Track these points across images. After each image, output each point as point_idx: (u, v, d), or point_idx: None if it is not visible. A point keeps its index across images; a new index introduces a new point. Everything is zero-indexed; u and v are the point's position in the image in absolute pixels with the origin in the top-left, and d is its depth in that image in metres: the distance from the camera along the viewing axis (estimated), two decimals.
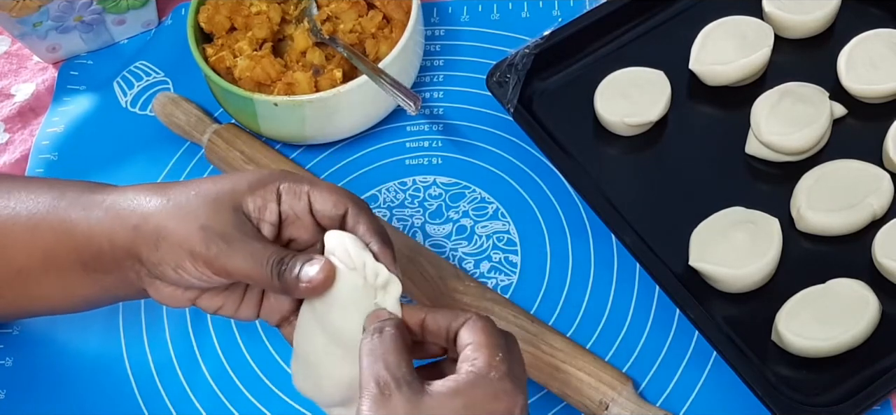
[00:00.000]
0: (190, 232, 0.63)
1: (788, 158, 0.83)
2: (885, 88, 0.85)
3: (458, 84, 0.95)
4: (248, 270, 0.63)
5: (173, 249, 0.63)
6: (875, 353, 0.73)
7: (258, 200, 0.65)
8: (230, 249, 0.63)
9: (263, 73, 0.87)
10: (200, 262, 0.63)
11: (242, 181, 0.66)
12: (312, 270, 0.62)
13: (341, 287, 0.62)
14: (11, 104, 0.98)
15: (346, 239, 0.63)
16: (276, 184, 0.66)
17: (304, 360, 0.65)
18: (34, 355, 0.81)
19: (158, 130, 0.94)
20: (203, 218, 0.63)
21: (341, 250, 0.63)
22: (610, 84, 0.88)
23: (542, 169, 0.87)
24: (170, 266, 0.64)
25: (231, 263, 0.63)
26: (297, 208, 0.66)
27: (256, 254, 0.63)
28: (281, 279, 0.63)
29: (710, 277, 0.77)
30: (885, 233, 0.77)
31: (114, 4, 0.97)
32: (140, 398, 0.78)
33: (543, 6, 0.99)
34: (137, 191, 0.67)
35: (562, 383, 0.74)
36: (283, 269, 0.63)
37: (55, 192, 0.70)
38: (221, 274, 0.64)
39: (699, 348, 0.76)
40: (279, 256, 0.63)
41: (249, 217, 0.65)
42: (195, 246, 0.63)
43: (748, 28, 0.89)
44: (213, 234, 0.63)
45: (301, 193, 0.66)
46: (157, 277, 0.66)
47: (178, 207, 0.64)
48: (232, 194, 0.65)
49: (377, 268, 0.62)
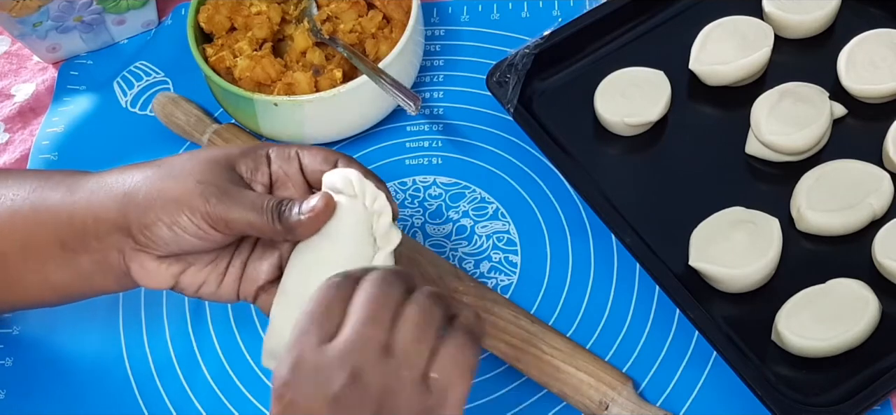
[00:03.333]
0: (187, 187, 0.65)
1: (788, 158, 0.83)
2: (885, 88, 0.85)
3: (458, 84, 0.95)
4: (247, 216, 0.64)
5: (169, 206, 0.65)
6: (875, 353, 0.73)
7: (249, 163, 0.68)
8: (228, 199, 0.65)
9: (263, 73, 0.87)
10: (198, 214, 0.64)
11: (233, 148, 0.68)
12: (313, 201, 0.64)
13: (342, 217, 0.64)
14: (11, 104, 0.98)
15: (350, 172, 0.66)
16: (265, 149, 0.69)
17: (296, 296, 0.65)
18: (34, 355, 0.81)
19: (158, 130, 0.94)
20: (199, 175, 0.65)
21: (342, 180, 0.65)
22: (610, 84, 0.88)
23: (542, 169, 0.87)
24: (165, 224, 0.65)
25: (230, 213, 0.64)
26: (287, 169, 0.68)
27: (255, 201, 0.65)
28: (281, 220, 0.64)
29: (710, 277, 0.77)
30: (885, 233, 0.77)
31: (114, 4, 0.97)
32: (140, 398, 0.78)
33: (543, 6, 0.99)
34: (125, 169, 0.69)
35: (562, 383, 0.74)
36: (283, 209, 0.65)
37: (40, 179, 0.70)
38: (220, 226, 0.65)
39: (699, 348, 0.76)
40: (277, 200, 0.65)
41: (242, 178, 0.67)
42: (193, 199, 0.64)
43: (748, 28, 0.89)
44: (211, 187, 0.65)
45: (291, 155, 0.68)
46: (144, 247, 0.66)
47: (172, 169, 0.66)
48: (226, 157, 0.67)
49: (376, 193, 0.65)
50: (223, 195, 0.65)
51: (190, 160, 0.67)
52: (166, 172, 0.66)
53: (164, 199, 0.65)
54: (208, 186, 0.65)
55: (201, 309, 0.82)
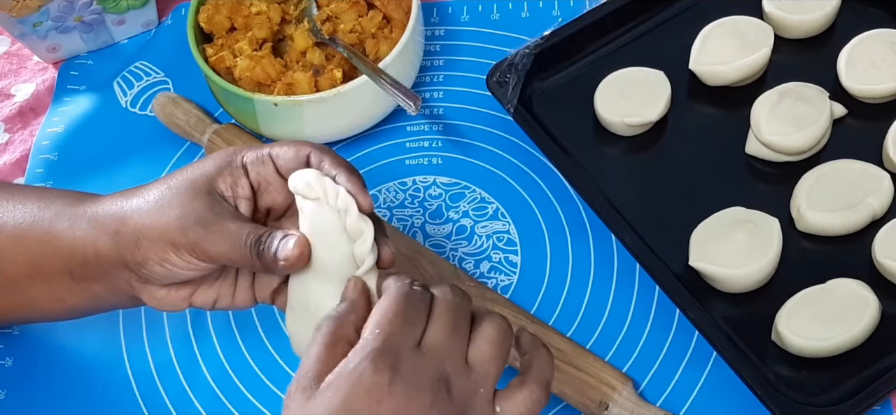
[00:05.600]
0: (168, 224, 0.64)
1: (788, 158, 0.83)
2: (885, 88, 0.85)
3: (458, 84, 0.95)
4: (227, 251, 0.64)
5: (154, 245, 0.64)
6: (875, 353, 0.73)
7: (228, 179, 0.66)
8: (208, 232, 0.64)
9: (263, 73, 0.87)
10: (183, 250, 0.64)
11: (210, 165, 0.66)
12: (288, 246, 0.63)
13: (316, 223, 0.63)
14: (11, 104, 0.98)
15: (308, 173, 0.64)
16: (239, 157, 0.67)
17: (302, 311, 0.65)
18: (34, 355, 0.81)
19: (158, 130, 0.94)
20: (178, 208, 0.64)
21: (302, 184, 0.64)
22: (610, 84, 0.88)
23: (542, 169, 0.87)
24: (155, 262, 0.64)
25: (211, 248, 0.64)
26: (265, 174, 0.67)
27: (234, 234, 0.64)
28: (260, 258, 0.63)
29: (710, 277, 0.77)
30: (885, 233, 0.77)
31: (114, 4, 0.97)
32: (140, 399, 0.78)
33: (543, 6, 0.99)
34: (115, 198, 0.68)
35: (562, 383, 0.74)
36: (262, 247, 0.63)
37: (41, 202, 0.70)
38: (204, 259, 0.64)
39: (699, 348, 0.76)
40: (257, 234, 0.64)
41: (224, 197, 0.66)
42: (174, 236, 0.64)
43: (748, 28, 0.89)
44: (191, 221, 0.64)
45: (264, 158, 0.67)
46: (146, 280, 0.66)
47: (153, 203, 0.65)
48: (204, 179, 0.66)
49: (337, 190, 0.63)
50: (203, 228, 0.64)
51: (170, 189, 0.65)
52: (149, 206, 0.65)
53: (149, 238, 0.64)
54: (188, 221, 0.64)
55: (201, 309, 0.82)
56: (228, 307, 0.69)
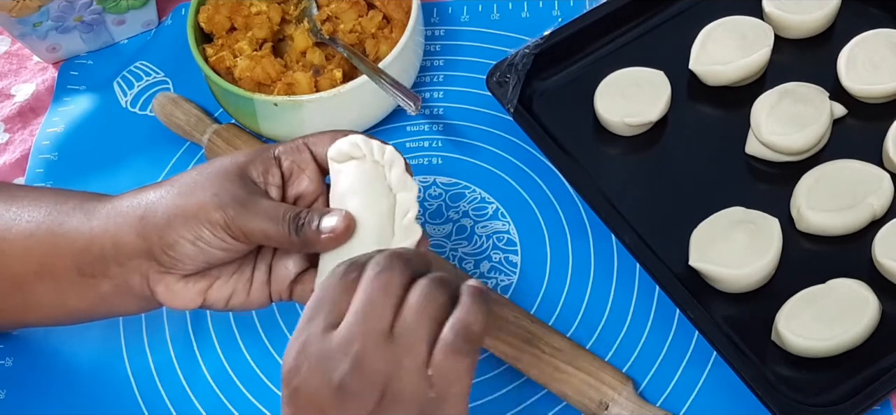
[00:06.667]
0: (204, 202, 0.65)
1: (788, 158, 0.83)
2: (885, 88, 0.85)
3: (458, 84, 0.95)
4: (265, 227, 0.65)
5: (189, 222, 0.65)
6: (875, 353, 0.73)
7: (260, 166, 0.68)
8: (245, 210, 0.65)
9: (263, 73, 0.87)
10: (219, 227, 0.65)
11: (241, 155, 0.68)
12: (333, 220, 0.64)
13: (358, 177, 0.65)
14: (11, 104, 0.98)
15: (353, 136, 0.67)
16: (272, 150, 0.69)
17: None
18: (34, 355, 0.81)
19: (158, 130, 0.94)
20: (213, 188, 0.66)
21: (348, 145, 0.66)
22: (610, 84, 0.88)
23: (542, 169, 0.87)
24: (188, 240, 0.65)
25: (248, 224, 0.65)
26: (299, 160, 0.68)
27: (271, 211, 0.65)
28: (299, 233, 0.65)
29: (710, 277, 0.77)
30: (885, 233, 0.77)
31: (114, 4, 0.97)
32: (140, 399, 0.78)
33: (543, 6, 0.99)
34: (136, 193, 0.68)
35: (562, 383, 0.74)
36: (301, 223, 0.65)
37: (57, 201, 0.70)
38: (240, 237, 0.65)
39: (699, 348, 0.76)
40: (294, 211, 0.65)
41: (255, 183, 0.67)
42: (211, 212, 0.65)
43: (748, 28, 0.89)
44: (227, 198, 0.65)
45: (299, 146, 0.69)
46: (169, 268, 0.66)
47: (186, 187, 0.66)
48: (236, 166, 0.67)
49: (383, 146, 0.66)
50: (240, 205, 0.65)
51: (201, 174, 0.67)
52: (180, 189, 0.66)
53: (183, 216, 0.65)
54: (224, 197, 0.65)
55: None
56: (243, 306, 0.70)
